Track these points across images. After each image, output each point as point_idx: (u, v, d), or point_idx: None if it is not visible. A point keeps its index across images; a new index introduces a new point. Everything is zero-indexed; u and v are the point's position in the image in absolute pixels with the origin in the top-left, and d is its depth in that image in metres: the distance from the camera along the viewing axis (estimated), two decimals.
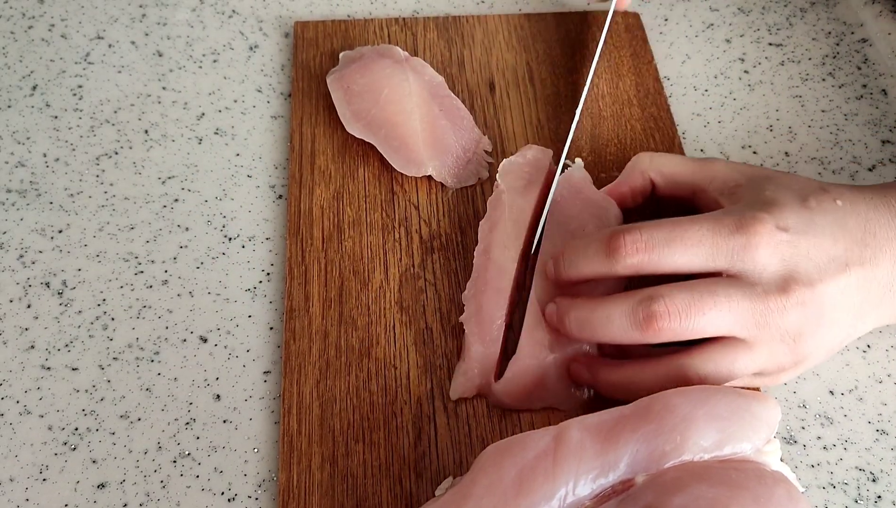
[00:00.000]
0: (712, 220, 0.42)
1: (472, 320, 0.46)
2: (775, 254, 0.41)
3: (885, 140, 0.57)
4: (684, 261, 0.41)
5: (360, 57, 0.56)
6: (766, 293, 0.41)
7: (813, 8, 0.64)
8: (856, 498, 0.43)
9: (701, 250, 0.41)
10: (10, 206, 0.53)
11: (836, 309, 0.42)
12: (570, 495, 0.36)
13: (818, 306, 0.41)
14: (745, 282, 0.41)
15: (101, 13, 0.63)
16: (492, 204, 0.50)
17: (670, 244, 0.41)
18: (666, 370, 0.42)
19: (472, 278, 0.48)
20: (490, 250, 0.48)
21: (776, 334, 0.41)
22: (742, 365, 0.41)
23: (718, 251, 0.41)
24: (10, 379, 0.46)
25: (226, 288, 0.50)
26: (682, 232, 0.41)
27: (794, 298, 0.41)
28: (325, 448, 0.43)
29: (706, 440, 0.37)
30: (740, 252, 0.41)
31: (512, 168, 0.51)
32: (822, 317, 0.41)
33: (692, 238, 0.41)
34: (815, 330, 0.42)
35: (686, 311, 0.40)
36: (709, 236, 0.41)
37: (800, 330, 0.41)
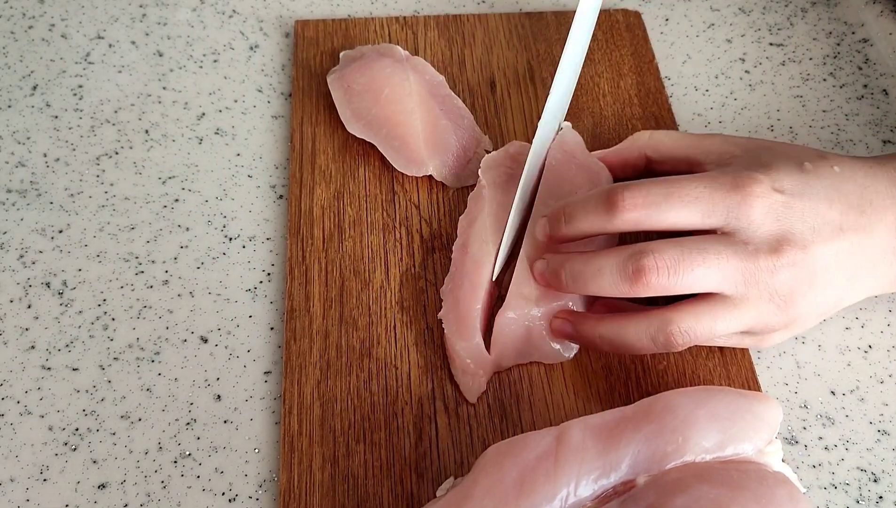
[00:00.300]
0: (709, 178, 0.42)
1: (449, 315, 0.46)
2: (770, 213, 0.41)
3: (885, 140, 0.57)
4: (681, 218, 0.42)
5: (361, 56, 0.56)
6: (756, 252, 0.41)
7: (814, 8, 0.64)
8: (857, 499, 0.43)
9: (697, 206, 0.42)
10: (10, 206, 0.52)
11: (828, 271, 0.42)
12: (572, 496, 0.36)
13: (810, 267, 0.42)
14: (737, 240, 0.41)
15: (102, 13, 0.63)
16: (472, 199, 0.50)
17: (668, 200, 0.42)
18: (648, 323, 0.42)
19: (450, 273, 0.48)
20: (468, 245, 0.48)
21: (765, 293, 0.41)
22: (727, 322, 0.42)
23: (715, 208, 0.42)
24: (11, 379, 0.46)
25: (226, 288, 0.50)
26: (679, 188, 0.42)
27: (786, 258, 0.41)
28: (325, 448, 0.43)
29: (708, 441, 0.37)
30: (735, 210, 0.41)
31: (494, 163, 0.51)
32: (814, 279, 0.42)
33: (689, 195, 0.42)
34: (806, 292, 0.42)
35: (675, 266, 0.41)
36: (706, 193, 0.42)
37: (790, 291, 0.42)
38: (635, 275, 0.41)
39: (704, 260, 0.41)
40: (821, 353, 0.48)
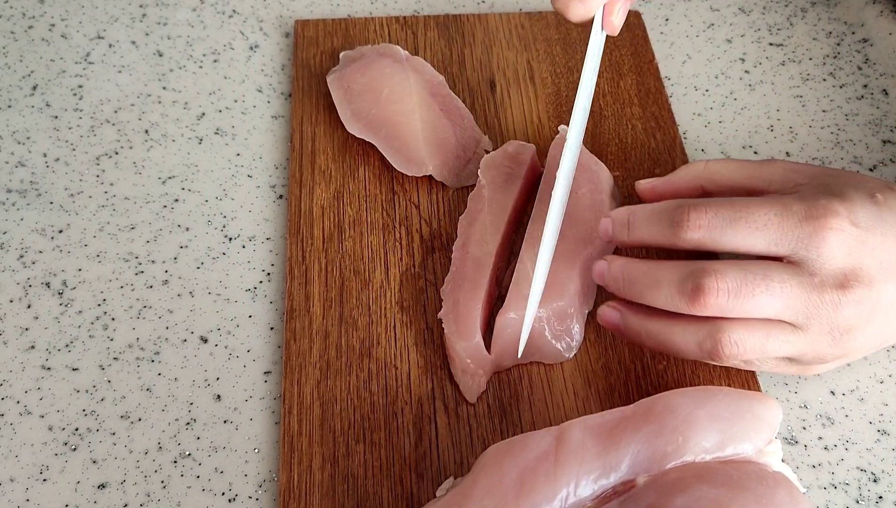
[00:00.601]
0: (781, 205, 0.41)
1: (449, 315, 0.46)
2: (842, 247, 0.40)
3: (885, 140, 0.57)
4: (747, 243, 0.41)
5: (361, 56, 0.56)
6: (823, 285, 0.40)
7: (813, 8, 0.64)
8: (857, 499, 0.43)
9: (766, 234, 0.40)
10: (10, 206, 0.52)
11: (890, 309, 0.41)
12: (572, 496, 0.36)
13: (873, 304, 0.40)
14: (803, 271, 0.40)
15: (102, 13, 0.63)
16: (472, 199, 0.50)
17: (734, 225, 0.41)
18: (698, 327, 0.41)
19: (450, 273, 0.48)
20: (468, 245, 0.48)
21: (825, 326, 0.40)
22: (779, 345, 0.41)
23: (783, 237, 0.40)
24: (11, 379, 0.46)
25: (226, 288, 0.50)
26: (748, 214, 0.41)
27: (853, 295, 0.40)
28: (325, 448, 0.43)
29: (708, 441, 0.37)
30: (805, 241, 0.40)
31: (493, 163, 0.51)
32: (874, 316, 0.41)
33: (758, 221, 0.40)
34: (865, 327, 0.41)
35: (736, 290, 0.40)
36: (776, 221, 0.40)
37: (850, 326, 0.41)
38: (694, 293, 0.40)
39: (768, 287, 0.40)
40: None
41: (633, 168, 0.54)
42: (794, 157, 0.56)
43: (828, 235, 0.40)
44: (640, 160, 0.54)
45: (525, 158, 0.51)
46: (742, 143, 0.56)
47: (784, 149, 0.56)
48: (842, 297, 0.40)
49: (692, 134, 0.57)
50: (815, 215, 0.40)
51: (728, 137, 0.57)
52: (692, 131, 0.57)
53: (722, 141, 0.57)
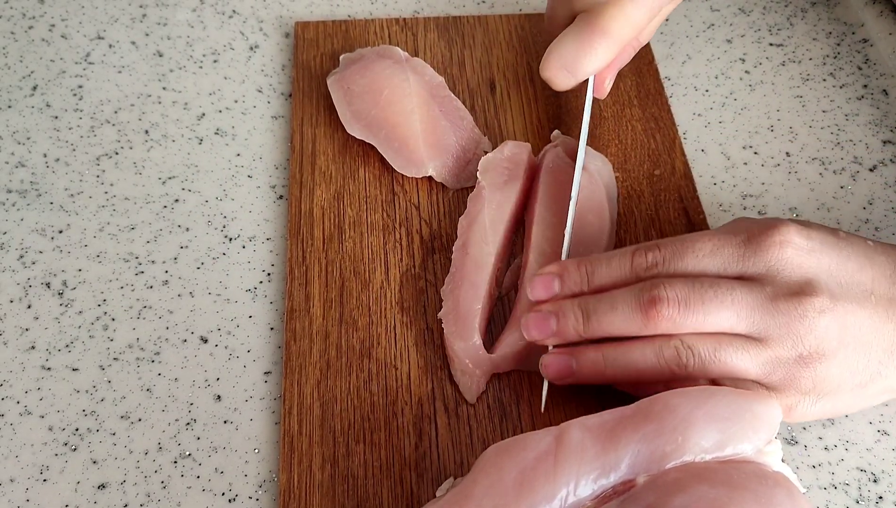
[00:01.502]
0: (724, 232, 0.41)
1: (449, 316, 0.46)
2: (793, 259, 0.40)
3: (886, 140, 0.57)
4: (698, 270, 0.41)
5: (361, 58, 0.56)
6: (775, 295, 0.39)
7: (814, 8, 0.64)
8: (857, 499, 0.43)
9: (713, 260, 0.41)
10: (10, 206, 0.52)
11: (861, 332, 0.40)
12: (571, 496, 0.36)
13: (839, 321, 0.39)
14: (755, 283, 0.40)
15: (102, 13, 0.63)
16: (472, 200, 0.50)
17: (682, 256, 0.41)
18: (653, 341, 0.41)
19: (450, 274, 0.48)
20: (468, 246, 0.48)
21: (786, 337, 0.39)
22: (740, 354, 0.40)
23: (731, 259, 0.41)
24: (11, 380, 0.46)
25: (226, 288, 0.50)
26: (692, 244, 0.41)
27: (811, 303, 0.39)
28: (325, 448, 0.43)
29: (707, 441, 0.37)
30: (752, 258, 0.40)
31: (492, 165, 0.51)
32: (843, 335, 0.39)
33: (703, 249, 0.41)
34: (836, 347, 0.40)
35: (686, 299, 0.40)
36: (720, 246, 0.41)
37: (817, 342, 0.39)
38: (648, 305, 0.40)
39: (716, 295, 0.40)
40: None
41: (632, 169, 0.54)
42: (794, 157, 0.56)
43: (774, 247, 0.40)
44: (639, 161, 0.54)
45: (522, 159, 0.51)
46: (742, 143, 0.56)
47: (784, 149, 0.56)
48: (798, 305, 0.39)
49: (692, 134, 0.57)
50: (761, 232, 0.40)
51: (728, 138, 0.57)
52: (692, 132, 0.57)
53: (722, 141, 0.57)
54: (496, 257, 0.47)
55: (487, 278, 0.47)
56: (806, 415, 0.42)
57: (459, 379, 0.45)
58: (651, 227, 0.51)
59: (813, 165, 0.55)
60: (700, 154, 0.56)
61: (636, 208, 0.52)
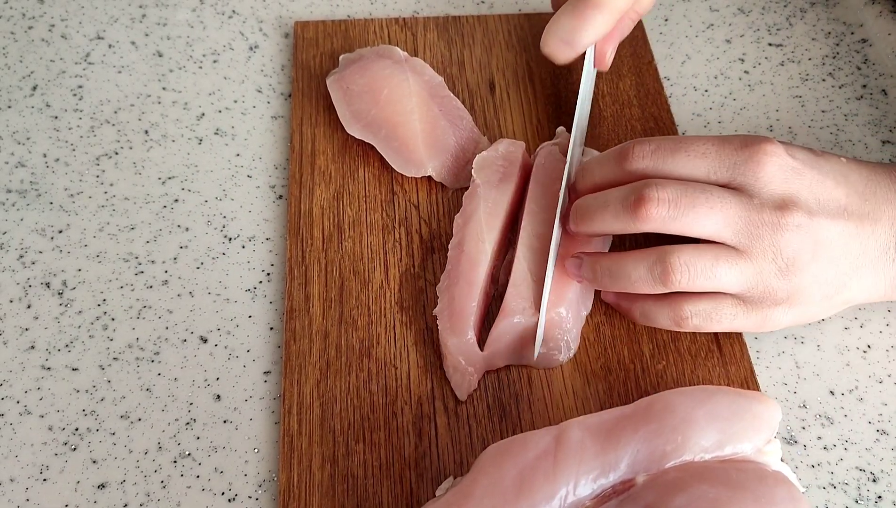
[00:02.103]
0: (721, 139, 0.43)
1: (444, 312, 0.46)
2: (778, 174, 0.42)
3: (885, 140, 0.57)
4: (687, 170, 0.43)
5: (360, 58, 0.56)
6: (761, 207, 0.42)
7: (813, 8, 0.64)
8: (856, 498, 0.43)
9: (705, 161, 0.43)
10: (10, 206, 0.52)
11: (832, 247, 0.42)
12: (571, 495, 0.36)
13: (814, 236, 0.42)
14: (743, 193, 0.42)
15: (101, 13, 0.63)
16: (467, 198, 0.50)
17: (675, 154, 0.43)
18: (647, 254, 0.43)
19: (446, 271, 0.48)
20: (463, 243, 0.48)
21: (768, 249, 0.42)
22: (727, 268, 0.42)
23: (721, 164, 0.42)
24: (11, 379, 0.46)
25: (226, 288, 0.50)
26: (688, 145, 0.43)
27: (791, 218, 0.41)
28: (325, 448, 0.43)
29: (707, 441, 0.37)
30: (742, 166, 0.42)
31: (486, 163, 0.51)
32: (817, 249, 0.42)
33: (698, 150, 0.43)
34: (809, 261, 0.42)
35: (676, 200, 0.41)
36: (713, 150, 0.43)
37: (793, 255, 0.42)
38: (636, 204, 0.42)
39: (707, 200, 0.41)
40: (820, 353, 0.48)
41: None
42: None
43: (763, 159, 0.42)
44: None
45: (517, 157, 0.51)
46: None
47: None
48: (780, 219, 0.41)
49: (692, 134, 0.57)
50: (751, 143, 0.43)
51: None
52: (692, 132, 0.57)
53: None
54: (492, 255, 0.48)
55: (483, 275, 0.47)
56: (778, 324, 0.44)
57: (451, 376, 0.45)
58: None
59: None
60: None
61: None
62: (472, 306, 0.46)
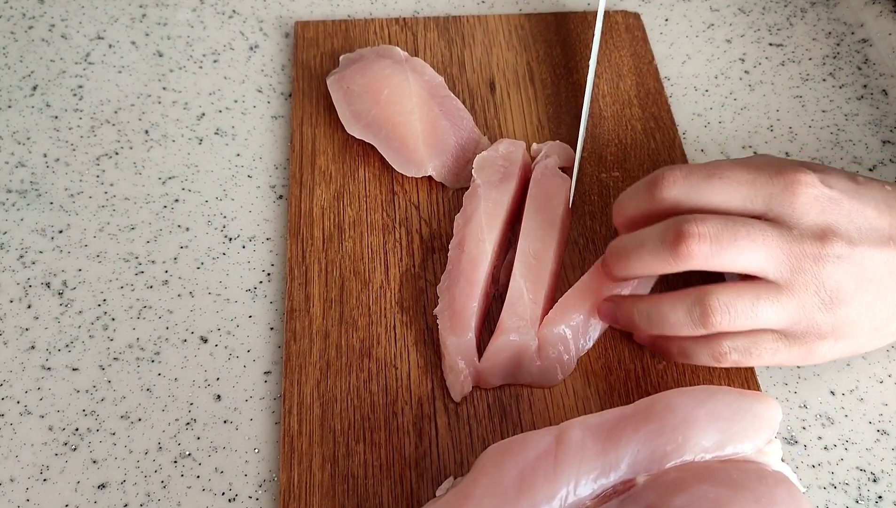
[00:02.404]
0: (754, 166, 0.42)
1: (445, 312, 0.46)
2: (815, 204, 0.40)
3: (885, 140, 0.57)
4: (721, 200, 0.41)
5: (360, 58, 0.56)
6: (801, 237, 0.40)
7: (813, 8, 0.64)
8: (857, 499, 0.43)
9: (740, 190, 0.41)
10: (10, 206, 0.52)
11: (878, 277, 0.41)
12: (572, 495, 0.36)
13: (857, 266, 0.40)
14: (782, 225, 0.40)
15: (102, 13, 0.63)
16: (467, 198, 0.50)
17: (709, 181, 0.41)
18: (686, 295, 0.42)
19: (446, 271, 0.48)
20: (464, 243, 0.48)
21: (810, 282, 0.40)
22: (769, 307, 0.40)
23: (757, 193, 0.41)
24: (11, 379, 0.46)
25: (226, 288, 0.50)
26: (721, 171, 0.42)
27: (832, 249, 0.40)
28: (325, 448, 0.43)
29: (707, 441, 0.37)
30: (779, 197, 0.41)
31: (487, 163, 0.51)
32: (861, 279, 0.40)
33: (732, 178, 0.41)
34: (853, 292, 0.40)
35: (717, 236, 0.40)
36: (748, 179, 0.41)
37: (836, 286, 0.40)
38: (675, 240, 0.40)
39: (748, 233, 0.40)
40: None
41: (632, 169, 0.54)
42: (794, 157, 0.56)
43: (798, 189, 0.40)
44: (639, 161, 0.54)
45: (517, 157, 0.51)
46: (742, 143, 0.56)
47: (784, 149, 0.56)
48: (821, 250, 0.40)
49: (692, 134, 0.57)
50: (785, 172, 0.41)
51: (728, 138, 0.57)
52: (692, 132, 0.57)
53: (721, 141, 0.57)
54: (492, 255, 0.48)
55: (484, 275, 0.47)
56: (824, 357, 0.43)
57: (447, 376, 0.45)
58: None
59: None
60: (700, 154, 0.56)
61: None
62: (472, 307, 0.46)
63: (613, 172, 0.53)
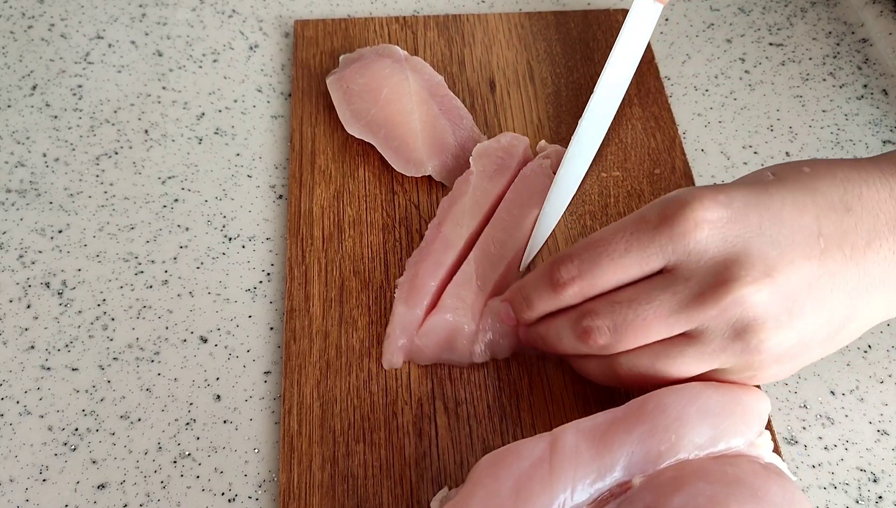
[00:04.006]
0: (635, 220, 0.38)
1: (405, 284, 0.47)
2: (713, 236, 0.36)
3: (885, 140, 0.56)
4: (619, 276, 0.38)
5: (360, 58, 0.56)
6: (700, 290, 0.36)
7: (813, 8, 0.64)
8: (857, 499, 0.43)
9: (629, 258, 0.38)
10: (9, 206, 0.52)
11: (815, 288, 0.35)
12: (569, 501, 0.36)
13: (782, 289, 0.35)
14: (678, 278, 0.37)
15: (101, 13, 0.63)
16: (458, 183, 0.51)
17: (598, 264, 0.38)
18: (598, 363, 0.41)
19: (419, 247, 0.49)
20: (442, 225, 0.49)
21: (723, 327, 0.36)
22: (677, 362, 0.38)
23: (646, 252, 0.37)
24: (10, 379, 0.46)
25: (226, 288, 0.50)
26: (605, 246, 0.38)
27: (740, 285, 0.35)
28: (325, 448, 0.43)
29: (700, 438, 0.37)
30: (667, 246, 0.37)
31: (486, 152, 0.51)
32: (791, 307, 0.36)
33: (618, 249, 0.38)
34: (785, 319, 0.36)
35: (613, 328, 0.38)
36: (633, 241, 0.38)
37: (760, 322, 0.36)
38: (583, 336, 0.39)
39: (637, 314, 0.37)
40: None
41: (632, 168, 0.54)
42: (794, 156, 0.56)
43: (685, 230, 0.36)
44: (639, 160, 0.54)
45: (518, 151, 0.51)
46: (742, 143, 0.56)
47: (784, 149, 0.56)
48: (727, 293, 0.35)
49: (692, 134, 0.57)
50: (669, 215, 0.37)
51: (728, 137, 0.57)
52: (692, 131, 0.57)
53: (722, 141, 0.57)
54: (467, 241, 0.48)
55: (452, 258, 0.47)
56: (774, 378, 0.39)
57: (384, 342, 0.46)
58: None
59: None
60: (700, 154, 0.56)
61: (636, 207, 0.52)
62: (431, 285, 0.46)
63: (614, 172, 0.53)
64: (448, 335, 0.45)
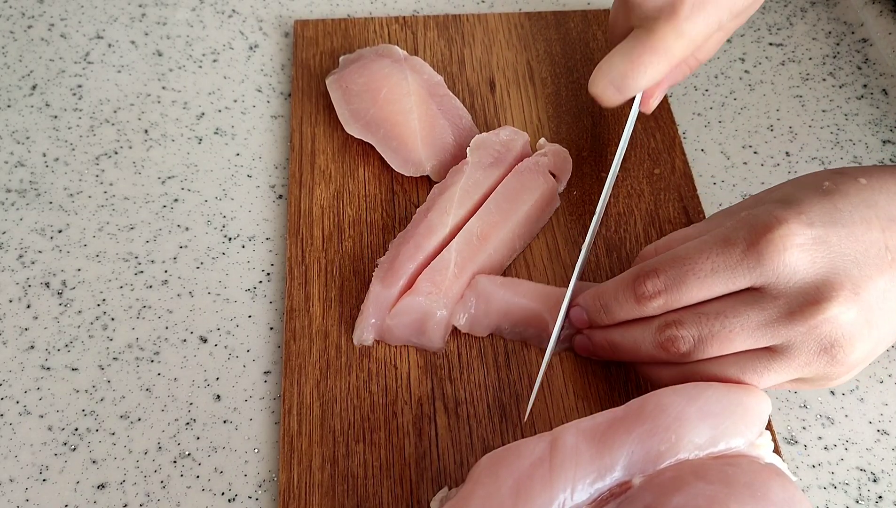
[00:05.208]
0: (722, 242, 0.39)
1: (384, 264, 0.47)
2: (802, 258, 0.37)
3: (885, 140, 0.57)
4: (704, 294, 0.40)
5: (359, 58, 0.56)
6: (790, 309, 0.38)
7: (813, 8, 0.64)
8: (857, 499, 0.43)
9: (717, 279, 0.39)
10: (9, 206, 0.52)
11: (887, 300, 0.38)
12: (569, 501, 0.36)
13: (865, 305, 0.37)
14: (766, 296, 0.38)
15: (101, 13, 0.63)
16: (452, 172, 0.51)
17: (685, 281, 0.40)
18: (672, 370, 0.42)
19: (404, 230, 0.49)
20: (430, 211, 0.49)
21: (811, 344, 0.38)
22: (762, 375, 0.39)
23: (734, 274, 0.39)
24: (10, 379, 0.46)
25: (226, 288, 0.50)
26: (692, 265, 0.40)
27: (834, 306, 0.37)
28: (325, 448, 0.43)
29: (700, 438, 0.37)
30: (757, 269, 0.38)
31: (483, 144, 0.51)
32: (870, 318, 0.38)
33: (703, 270, 0.39)
34: (863, 332, 0.38)
35: (698, 337, 0.40)
36: (720, 262, 0.39)
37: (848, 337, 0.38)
38: (666, 345, 0.40)
39: (724, 326, 0.39)
40: None
41: (632, 168, 0.54)
42: (794, 156, 0.56)
43: (775, 254, 0.38)
44: (639, 160, 0.54)
45: (516, 146, 0.51)
46: (742, 143, 0.56)
47: (784, 149, 0.56)
48: (819, 312, 0.37)
49: (692, 134, 0.57)
50: (757, 239, 0.38)
51: (728, 137, 0.57)
52: (692, 131, 0.57)
53: (721, 141, 0.56)
54: (451, 229, 0.48)
55: (434, 244, 0.47)
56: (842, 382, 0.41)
57: (357, 318, 0.46)
58: (651, 225, 0.51)
59: (812, 165, 0.55)
60: (700, 154, 0.56)
61: (636, 207, 0.52)
62: (409, 267, 0.46)
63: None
64: (419, 318, 0.45)
